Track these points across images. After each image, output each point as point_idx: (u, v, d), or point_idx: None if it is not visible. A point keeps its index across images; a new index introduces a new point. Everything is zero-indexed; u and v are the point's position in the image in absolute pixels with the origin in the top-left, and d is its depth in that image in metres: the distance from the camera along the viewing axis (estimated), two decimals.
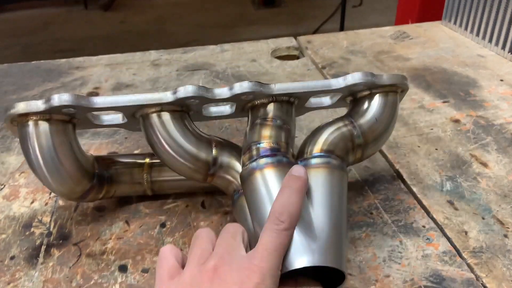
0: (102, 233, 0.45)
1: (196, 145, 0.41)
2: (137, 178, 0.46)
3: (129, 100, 0.40)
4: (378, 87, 0.44)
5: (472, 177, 0.51)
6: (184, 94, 0.40)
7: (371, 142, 0.43)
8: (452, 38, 0.89)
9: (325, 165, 0.40)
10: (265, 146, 0.40)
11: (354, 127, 0.43)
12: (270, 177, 0.38)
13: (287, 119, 0.43)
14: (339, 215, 0.37)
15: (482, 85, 0.71)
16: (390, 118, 0.45)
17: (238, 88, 0.41)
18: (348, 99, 0.47)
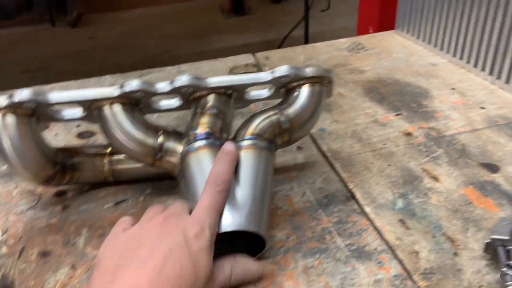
0: (47, 281, 0.43)
1: (144, 133, 0.47)
2: (99, 165, 0.52)
3: (82, 95, 0.46)
4: (304, 79, 0.49)
5: (423, 192, 0.51)
6: (129, 89, 0.46)
7: (297, 127, 0.49)
8: (406, 47, 0.91)
9: (253, 146, 0.46)
10: (200, 131, 0.45)
11: (282, 114, 0.48)
12: (203, 158, 0.44)
13: (224, 108, 0.49)
14: (263, 191, 0.43)
15: (434, 95, 0.72)
16: (315, 106, 0.50)
17: (178, 82, 0.47)
18: (282, 90, 0.52)
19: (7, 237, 0.49)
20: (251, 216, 0.41)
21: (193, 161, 0.44)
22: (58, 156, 0.50)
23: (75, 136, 0.67)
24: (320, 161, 0.59)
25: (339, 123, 0.66)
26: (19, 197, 0.55)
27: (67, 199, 0.54)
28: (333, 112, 0.69)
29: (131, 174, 0.54)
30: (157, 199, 0.53)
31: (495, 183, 0.51)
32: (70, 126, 0.70)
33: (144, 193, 0.54)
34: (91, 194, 0.55)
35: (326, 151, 0.60)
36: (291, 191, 0.53)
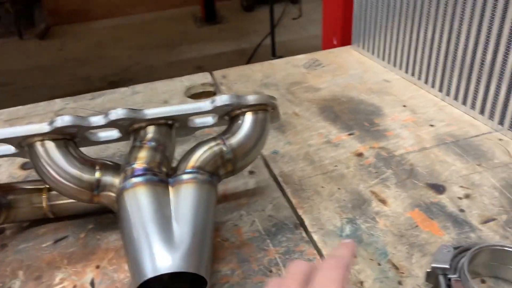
0: None
1: (79, 169, 0.45)
2: (36, 202, 0.50)
3: (11, 132, 0.44)
4: (247, 107, 0.48)
5: (370, 217, 0.51)
6: (60, 124, 0.44)
7: (240, 156, 0.48)
8: (361, 63, 0.91)
9: (193, 180, 0.44)
10: (137, 167, 0.43)
11: (224, 144, 0.47)
12: (140, 194, 0.42)
13: (164, 140, 0.47)
14: (203, 227, 0.42)
15: (386, 112, 0.72)
16: (259, 134, 0.49)
17: (113, 115, 0.45)
18: (226, 117, 0.51)
19: None
20: (190, 256, 0.39)
21: (130, 197, 0.42)
22: None
23: (19, 167, 0.65)
24: (272, 186, 0.58)
25: (292, 145, 0.66)
26: None
27: (5, 238, 0.51)
28: (286, 133, 0.69)
29: (71, 209, 0.52)
30: (98, 235, 0.51)
31: (440, 205, 0.52)
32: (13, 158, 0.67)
33: (86, 229, 0.52)
34: (30, 231, 0.52)
35: (278, 175, 0.59)
36: (240, 220, 0.52)
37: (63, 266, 0.47)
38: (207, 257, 0.41)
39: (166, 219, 0.41)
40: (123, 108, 0.46)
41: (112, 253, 0.48)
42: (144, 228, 0.40)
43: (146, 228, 0.40)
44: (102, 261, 0.47)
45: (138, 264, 0.39)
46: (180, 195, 0.43)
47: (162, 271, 0.38)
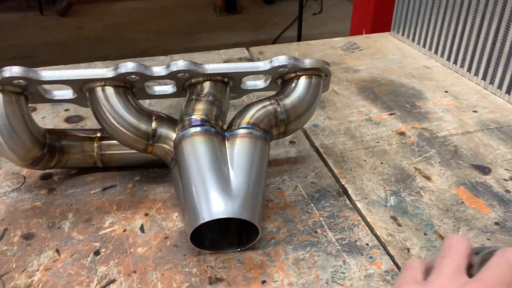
0: (29, 264, 0.42)
1: (137, 117, 0.45)
2: (88, 150, 0.51)
3: (74, 74, 0.44)
4: (302, 70, 0.48)
5: (415, 191, 0.51)
6: (124, 70, 0.44)
7: (293, 119, 0.48)
8: (400, 49, 0.91)
9: (248, 135, 0.45)
10: (195, 117, 0.44)
11: (279, 105, 0.47)
12: (198, 144, 0.42)
13: (220, 96, 0.47)
14: (257, 179, 0.42)
15: (427, 96, 0.72)
16: (313, 99, 0.49)
17: (174, 66, 0.46)
18: (279, 81, 0.51)
19: None
20: (245, 204, 0.40)
21: (188, 147, 0.43)
22: (46, 137, 0.49)
23: (63, 120, 0.66)
24: (313, 156, 0.58)
25: (332, 120, 0.66)
26: (2, 179, 0.53)
27: (53, 183, 0.53)
28: (326, 109, 0.69)
29: (120, 160, 0.53)
30: (145, 186, 0.52)
31: (486, 185, 0.52)
32: (58, 110, 0.68)
33: (133, 180, 0.53)
34: (78, 178, 0.53)
35: (319, 147, 0.60)
36: (282, 185, 0.53)
37: (112, 211, 0.48)
38: (260, 209, 0.42)
39: (224, 168, 0.41)
40: (184, 60, 0.46)
41: (159, 203, 0.49)
42: (202, 175, 0.41)
43: (204, 175, 0.41)
44: (150, 210, 0.48)
45: (195, 209, 0.40)
46: (236, 148, 0.43)
47: (219, 215, 0.39)
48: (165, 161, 0.48)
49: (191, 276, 0.41)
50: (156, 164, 0.54)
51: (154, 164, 0.54)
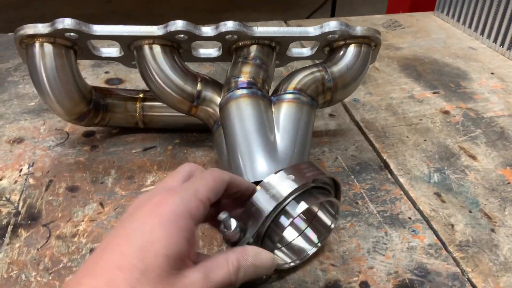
0: (74, 215, 0.42)
1: (183, 78, 0.45)
2: (131, 110, 0.52)
3: (124, 30, 0.44)
4: (352, 38, 0.47)
5: (460, 169, 0.50)
6: (174, 28, 0.44)
7: (340, 87, 0.47)
8: (444, 29, 0.88)
9: (295, 100, 0.44)
10: (243, 80, 0.44)
11: (326, 72, 0.46)
12: (244, 106, 0.42)
13: (267, 60, 0.47)
14: (303, 144, 0.41)
15: (472, 77, 0.69)
16: (361, 68, 0.48)
17: (223, 27, 0.45)
18: (326, 49, 0.50)
19: (33, 170, 0.48)
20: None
21: (234, 108, 0.42)
22: (93, 94, 0.49)
23: (103, 82, 0.66)
24: (353, 130, 0.57)
25: (374, 96, 0.64)
26: (47, 134, 0.54)
27: (95, 140, 0.53)
28: (367, 85, 0.67)
29: (161, 122, 0.53)
30: (185, 149, 0.52)
31: None
32: (99, 72, 0.69)
33: (173, 143, 0.53)
34: (119, 138, 0.54)
35: (359, 121, 0.58)
36: (322, 156, 0.52)
37: (154, 171, 0.48)
38: None
39: (269, 132, 0.41)
40: (234, 21, 0.45)
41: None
42: (247, 138, 0.41)
43: (249, 138, 0.40)
44: None
45: (239, 170, 0.39)
46: (283, 113, 0.43)
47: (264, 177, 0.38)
48: (208, 124, 0.48)
49: None
50: (195, 129, 0.54)
51: (193, 128, 0.55)
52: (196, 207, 0.28)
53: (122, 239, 0.26)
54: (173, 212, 0.27)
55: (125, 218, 0.29)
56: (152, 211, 0.27)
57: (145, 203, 0.28)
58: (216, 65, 0.72)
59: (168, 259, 0.26)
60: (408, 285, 0.37)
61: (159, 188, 0.31)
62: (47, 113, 0.58)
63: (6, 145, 0.52)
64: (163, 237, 0.26)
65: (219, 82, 0.48)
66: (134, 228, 0.27)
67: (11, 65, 0.70)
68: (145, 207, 0.28)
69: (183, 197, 0.28)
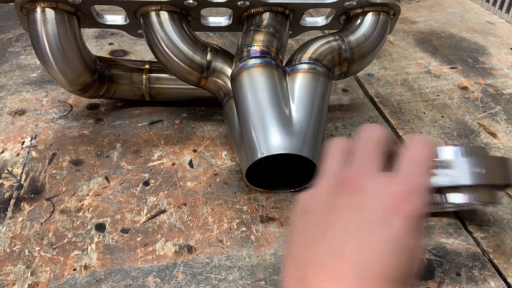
0: (79, 189, 0.41)
1: (192, 47, 0.43)
2: (137, 81, 0.49)
3: None
4: (370, 5, 0.44)
5: None
6: None
7: (357, 58, 0.45)
8: (461, 3, 0.84)
9: (311, 71, 0.42)
10: (255, 49, 0.41)
11: (343, 42, 0.44)
12: (257, 76, 0.40)
13: (280, 29, 0.44)
14: (319, 117, 0.40)
15: (491, 52, 0.67)
16: (380, 38, 0.45)
17: None
18: (342, 19, 0.47)
19: (36, 143, 0.46)
20: (306, 141, 0.38)
21: (246, 79, 0.40)
22: (97, 64, 0.47)
23: (108, 54, 0.64)
24: (367, 105, 0.55)
25: (388, 70, 0.62)
26: (49, 106, 0.52)
27: (100, 113, 0.51)
28: (381, 59, 0.65)
29: (168, 94, 0.51)
30: (192, 123, 0.50)
31: None
32: (102, 43, 0.66)
33: (180, 116, 0.51)
34: (125, 111, 0.52)
35: (374, 96, 0.56)
36: (335, 132, 0.50)
37: (161, 145, 0.47)
38: (320, 147, 0.39)
39: (284, 103, 0.39)
40: None
41: (208, 141, 0.48)
42: (261, 109, 0.39)
43: (263, 109, 0.39)
44: (199, 146, 0.47)
45: (252, 144, 0.38)
46: (298, 83, 0.41)
47: (279, 150, 0.37)
48: (217, 96, 0.46)
49: (242, 213, 0.39)
50: (204, 102, 0.52)
51: (201, 102, 0.53)
52: None
53: (381, 245, 0.22)
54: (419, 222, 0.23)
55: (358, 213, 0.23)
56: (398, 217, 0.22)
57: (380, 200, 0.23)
58: (225, 37, 0.70)
59: (415, 273, 0.23)
60: (426, 265, 0.35)
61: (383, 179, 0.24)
62: (50, 84, 0.56)
63: (8, 117, 0.50)
64: (416, 250, 0.23)
65: (230, 53, 0.46)
66: (390, 234, 0.22)
67: (12, 35, 0.68)
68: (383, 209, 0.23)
69: (423, 198, 0.23)
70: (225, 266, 0.35)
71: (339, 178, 0.25)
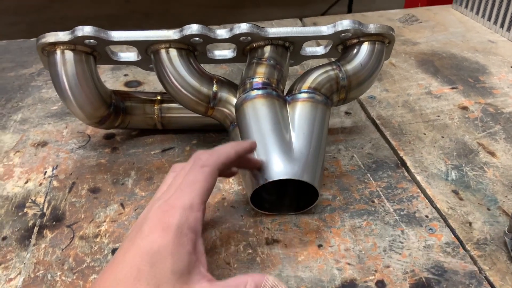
0: (96, 216, 0.44)
1: (199, 80, 0.46)
2: (149, 112, 0.53)
3: (142, 35, 0.46)
4: (365, 36, 0.47)
5: (478, 166, 0.49)
6: (189, 32, 0.45)
7: (354, 85, 0.48)
8: (463, 22, 0.86)
9: (310, 100, 0.45)
10: (257, 80, 0.45)
11: (340, 71, 0.47)
12: (259, 106, 0.43)
13: (281, 61, 0.47)
14: (318, 143, 0.42)
15: (492, 71, 0.68)
16: (375, 65, 0.48)
17: (237, 29, 0.46)
18: (340, 48, 0.50)
19: (57, 172, 0.50)
20: (306, 167, 0.40)
21: (249, 109, 0.43)
22: (112, 98, 0.50)
23: (123, 85, 0.68)
24: (369, 127, 0.57)
25: (390, 92, 0.64)
26: (69, 137, 0.56)
27: (116, 142, 0.55)
28: (383, 81, 0.67)
29: (179, 122, 0.54)
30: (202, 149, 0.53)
31: None
32: (118, 75, 0.70)
33: (190, 143, 0.54)
34: (138, 140, 0.55)
35: (376, 118, 0.58)
36: (338, 154, 0.52)
37: None
38: (320, 172, 0.42)
39: (285, 131, 0.42)
40: (247, 23, 0.46)
41: None
42: (263, 137, 0.41)
43: (265, 137, 0.41)
44: None
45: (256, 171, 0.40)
46: (298, 112, 0.43)
47: (281, 176, 0.39)
48: (224, 124, 0.49)
49: (248, 236, 0.42)
50: (212, 129, 0.55)
51: (210, 129, 0.55)
52: (195, 220, 0.31)
53: (136, 256, 0.29)
54: (174, 232, 0.30)
55: (135, 234, 0.31)
56: (156, 229, 0.30)
57: (150, 219, 0.31)
58: (232, 65, 0.73)
59: (175, 274, 0.29)
60: (424, 284, 0.37)
61: (157, 200, 0.33)
62: (69, 116, 0.59)
63: (31, 149, 0.54)
64: (169, 255, 0.29)
65: (235, 82, 0.49)
66: (145, 247, 0.30)
67: (34, 70, 0.72)
68: (150, 225, 0.31)
69: (181, 214, 0.31)
70: None
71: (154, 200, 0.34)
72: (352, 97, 0.49)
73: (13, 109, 0.61)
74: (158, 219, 0.31)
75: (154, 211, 0.32)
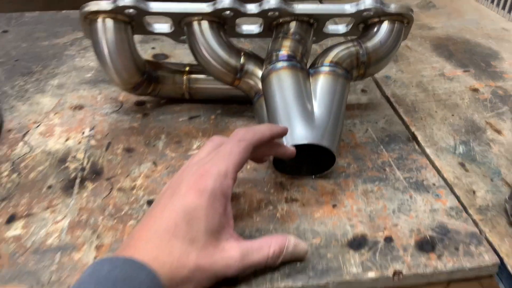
0: (132, 172, 0.48)
1: (228, 53, 0.50)
2: (178, 81, 0.56)
3: (178, 7, 0.49)
4: (386, 15, 0.50)
5: (485, 142, 0.53)
6: (221, 6, 0.48)
7: (373, 62, 0.51)
8: (478, 10, 0.89)
9: (331, 73, 0.48)
10: (283, 53, 0.48)
11: (361, 47, 0.50)
12: (284, 77, 0.46)
13: (305, 36, 0.51)
14: (337, 113, 0.46)
15: (504, 57, 0.71)
16: (394, 44, 0.51)
17: (266, 4, 0.50)
18: (360, 26, 0.53)
19: (94, 133, 0.54)
20: (325, 133, 0.44)
21: (275, 80, 0.47)
22: (146, 66, 0.54)
23: (150, 57, 0.72)
24: (384, 104, 0.61)
25: (405, 73, 0.67)
26: (103, 102, 0.60)
27: (146, 109, 0.59)
28: (399, 63, 0.70)
29: (205, 93, 0.58)
30: (226, 119, 0.57)
31: None
32: (146, 48, 0.74)
33: (215, 113, 0.58)
34: (167, 107, 0.59)
35: (390, 96, 0.62)
36: (353, 127, 0.56)
37: (199, 137, 0.54)
38: (338, 139, 0.45)
39: (307, 101, 0.45)
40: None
41: None
42: (287, 106, 0.45)
43: (289, 106, 0.45)
44: None
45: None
46: (319, 84, 0.47)
47: (302, 141, 0.43)
48: (249, 95, 0.52)
49: (269, 195, 0.46)
50: (236, 100, 0.59)
51: (234, 100, 0.59)
52: (227, 186, 0.35)
53: (174, 213, 0.34)
54: (209, 195, 0.34)
55: (172, 192, 0.35)
56: (193, 191, 0.34)
57: (187, 181, 0.35)
58: (254, 43, 0.76)
59: (207, 233, 0.33)
60: (429, 240, 0.41)
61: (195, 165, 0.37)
62: (103, 83, 0.64)
63: (69, 111, 0.58)
64: (203, 215, 0.33)
65: (261, 57, 0.52)
66: (182, 205, 0.34)
67: (66, 40, 0.76)
68: (187, 187, 0.35)
69: (215, 179, 0.34)
70: (255, 236, 0.41)
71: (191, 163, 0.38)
72: (370, 73, 0.52)
73: (49, 75, 0.66)
74: (195, 181, 0.34)
75: (192, 174, 0.36)
